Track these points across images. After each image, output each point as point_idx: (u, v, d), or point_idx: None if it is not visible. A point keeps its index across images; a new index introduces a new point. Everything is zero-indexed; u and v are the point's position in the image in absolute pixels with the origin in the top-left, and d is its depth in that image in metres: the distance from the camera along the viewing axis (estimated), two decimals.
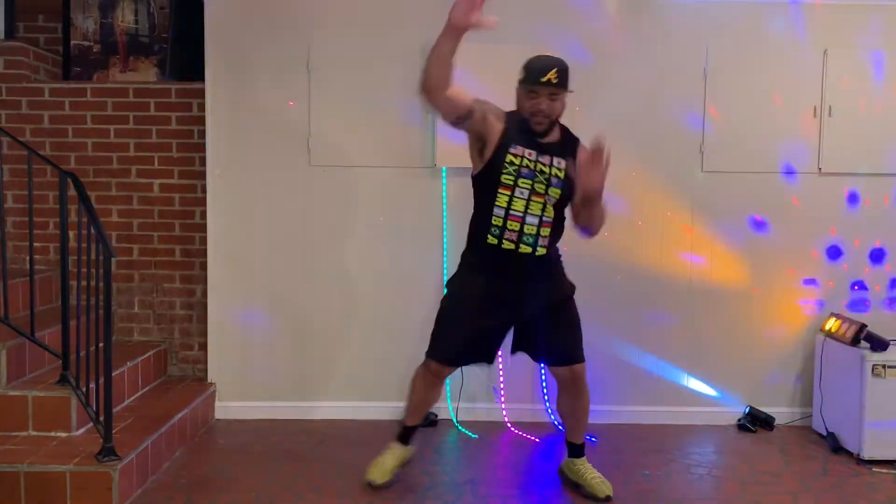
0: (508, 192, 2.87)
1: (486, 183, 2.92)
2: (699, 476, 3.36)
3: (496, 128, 2.89)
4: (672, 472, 3.39)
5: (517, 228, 2.88)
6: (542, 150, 2.90)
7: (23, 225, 3.83)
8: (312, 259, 3.99)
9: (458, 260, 3.90)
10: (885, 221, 4.01)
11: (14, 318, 3.33)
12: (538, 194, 2.88)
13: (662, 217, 3.99)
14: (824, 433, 3.79)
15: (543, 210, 2.89)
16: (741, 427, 3.97)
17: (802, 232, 4.01)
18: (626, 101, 3.94)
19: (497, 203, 2.88)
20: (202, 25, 3.90)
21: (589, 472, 3.14)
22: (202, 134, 3.99)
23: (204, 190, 4.01)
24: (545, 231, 2.92)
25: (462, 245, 3.94)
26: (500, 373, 3.97)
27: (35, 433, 3.13)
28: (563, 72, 2.88)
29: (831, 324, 3.84)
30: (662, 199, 3.99)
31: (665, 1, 3.94)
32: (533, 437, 3.77)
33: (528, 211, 2.88)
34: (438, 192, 3.95)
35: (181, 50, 4.17)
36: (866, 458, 3.50)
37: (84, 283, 3.18)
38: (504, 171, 2.86)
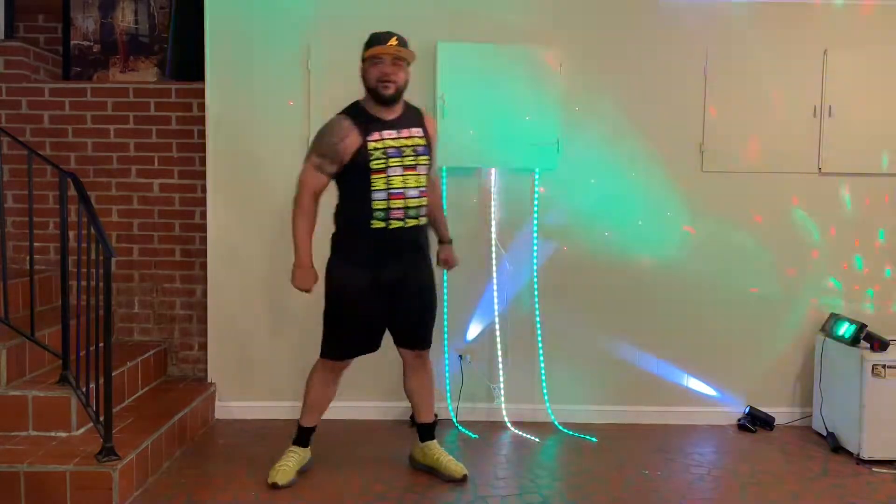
0: (383, 175, 2.94)
1: (355, 175, 2.96)
2: (699, 476, 3.35)
3: (351, 134, 2.95)
4: (672, 472, 3.39)
5: (402, 205, 2.96)
6: (398, 125, 3.01)
7: (23, 225, 3.83)
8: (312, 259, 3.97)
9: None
10: (885, 221, 4.01)
11: (14, 318, 3.33)
12: (409, 167, 2.98)
13: (662, 217, 3.99)
14: (824, 433, 3.79)
15: (419, 180, 3.02)
16: (741, 427, 3.97)
17: (802, 232, 4.01)
18: (626, 101, 3.94)
19: (374, 188, 2.93)
20: (202, 25, 3.90)
21: (443, 455, 3.23)
22: (202, 134, 3.99)
23: (204, 190, 4.01)
24: (423, 200, 3.04)
25: (462, 244, 3.95)
26: (501, 373, 3.97)
27: (35, 433, 3.13)
28: (403, 39, 2.98)
29: (831, 324, 3.84)
30: (662, 199, 3.98)
31: (665, 1, 3.94)
32: (533, 437, 3.77)
33: (407, 185, 2.96)
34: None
35: (181, 50, 4.17)
36: (866, 458, 3.50)
37: (84, 283, 3.18)
38: (371, 157, 2.94)
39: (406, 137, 3.00)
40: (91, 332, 3.02)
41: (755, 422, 3.97)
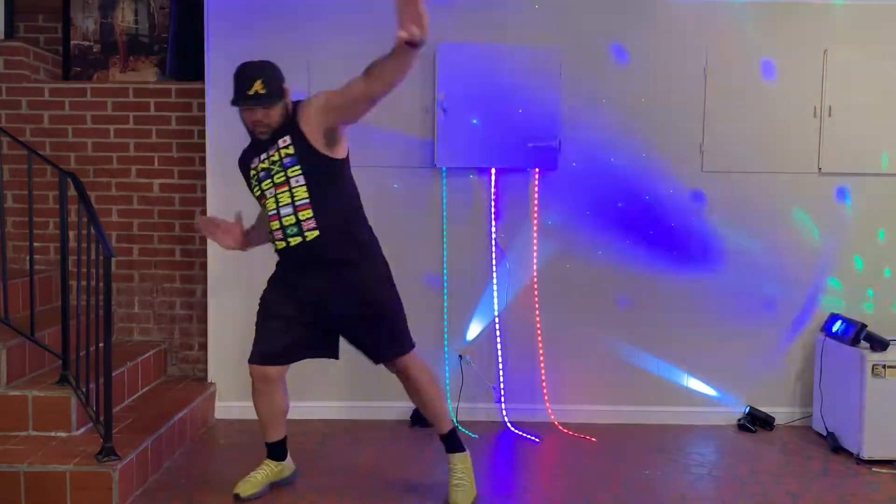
0: (263, 200, 2.86)
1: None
2: (699, 476, 3.35)
3: (244, 171, 2.95)
4: (672, 472, 3.39)
5: (278, 226, 2.79)
6: (264, 147, 2.83)
7: (23, 225, 3.83)
8: None
9: (458, 259, 3.92)
10: (885, 221, 4.01)
11: (14, 318, 3.33)
12: (280, 185, 2.78)
13: (662, 217, 3.99)
14: (824, 433, 3.79)
15: (293, 195, 2.76)
16: (741, 427, 3.97)
17: (802, 232, 4.01)
18: (626, 101, 3.94)
19: (266, 212, 2.87)
20: (202, 25, 3.90)
21: (455, 476, 2.96)
22: (202, 134, 3.99)
23: (204, 190, 4.01)
24: (304, 214, 2.76)
25: (460, 245, 3.98)
26: (501, 373, 3.97)
27: (35, 433, 3.13)
28: (269, 80, 2.77)
29: (831, 324, 3.84)
30: (662, 199, 3.98)
31: (665, 1, 3.94)
32: (533, 437, 3.77)
33: (280, 204, 2.78)
34: (438, 192, 3.95)
35: (181, 50, 4.17)
36: (866, 458, 3.50)
37: (84, 283, 3.18)
38: (251, 187, 2.91)
39: (270, 156, 2.80)
40: (91, 333, 3.02)
41: (755, 422, 3.97)
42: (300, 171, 2.76)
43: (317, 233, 2.76)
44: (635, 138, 3.95)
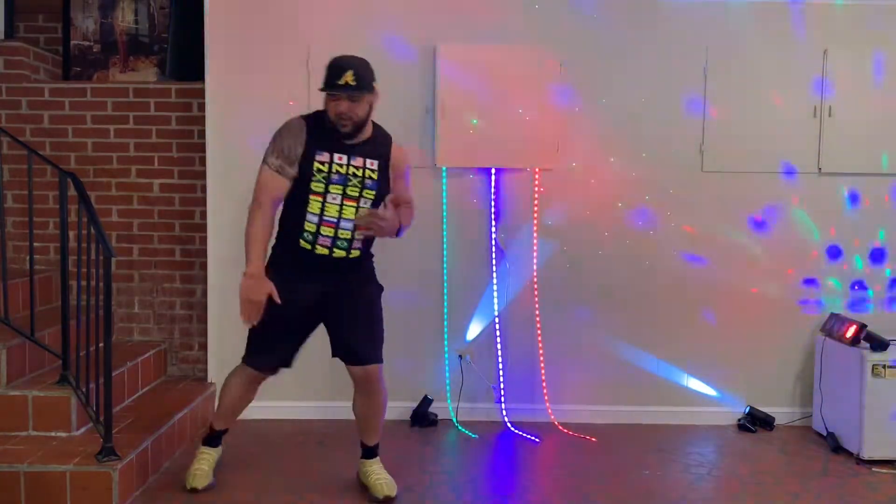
0: (320, 199, 2.80)
1: (296, 186, 2.83)
2: (699, 476, 3.35)
3: (303, 140, 2.82)
4: (672, 472, 3.39)
5: (331, 234, 2.81)
6: (354, 152, 2.83)
7: (23, 225, 3.83)
8: None
9: (458, 259, 3.90)
10: (885, 221, 4.01)
11: (14, 318, 3.32)
12: (351, 198, 2.82)
13: (662, 217, 3.99)
14: (824, 433, 3.79)
15: (357, 213, 2.83)
16: (741, 427, 3.97)
17: (802, 232, 4.01)
18: (626, 101, 3.94)
19: (310, 209, 2.81)
20: (202, 25, 3.90)
21: (374, 473, 3.06)
22: (202, 134, 3.99)
23: (204, 190, 4.01)
24: (359, 234, 2.85)
25: (460, 244, 3.96)
26: (501, 373, 3.97)
27: (35, 433, 3.13)
28: (361, 72, 2.78)
29: (831, 324, 3.84)
30: (662, 199, 3.99)
31: (665, 1, 3.94)
32: (533, 437, 3.77)
33: (342, 216, 2.81)
34: (438, 192, 3.95)
35: (181, 50, 4.17)
36: (866, 458, 3.50)
37: (84, 283, 3.18)
38: (313, 178, 2.79)
39: (357, 167, 2.82)
40: (91, 333, 3.01)
41: (755, 422, 3.97)
42: (373, 197, 2.85)
43: (358, 253, 2.90)
44: (635, 138, 3.95)
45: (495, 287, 3.94)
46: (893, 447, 3.50)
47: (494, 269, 3.94)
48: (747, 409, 4.02)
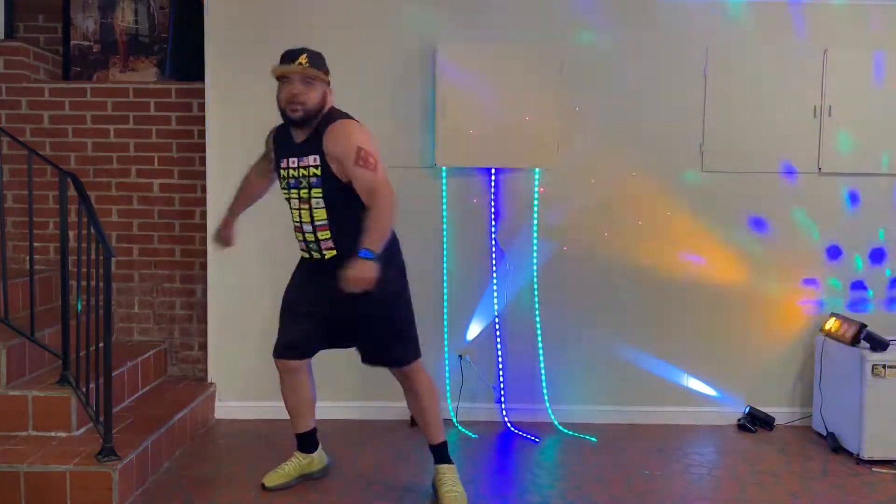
0: (289, 206, 2.92)
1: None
2: (699, 476, 3.36)
3: (272, 153, 2.97)
4: (672, 472, 3.39)
5: (301, 238, 2.91)
6: (302, 152, 2.83)
7: (23, 225, 3.83)
8: None
9: (458, 259, 3.91)
10: (885, 221, 4.01)
11: (14, 318, 3.33)
12: (304, 200, 2.83)
13: (662, 217, 3.99)
14: (824, 433, 3.79)
15: (312, 215, 2.82)
16: (741, 427, 3.97)
17: (802, 232, 4.01)
18: (626, 101, 3.94)
19: (291, 215, 2.93)
20: (202, 25, 3.90)
21: (446, 484, 2.95)
22: (202, 134, 3.99)
23: (204, 190, 4.01)
24: (323, 234, 2.83)
25: (460, 244, 3.97)
26: (501, 373, 3.97)
27: (35, 433, 3.13)
28: (314, 57, 2.81)
29: (831, 324, 3.84)
30: (662, 199, 3.99)
31: (665, 1, 3.94)
32: (533, 437, 3.77)
33: (302, 220, 2.86)
34: (438, 192, 3.95)
35: (181, 50, 4.17)
36: (866, 458, 3.50)
37: (84, 283, 3.18)
38: (281, 185, 2.92)
39: (303, 167, 2.82)
40: (91, 333, 3.02)
41: (755, 422, 3.97)
42: (321, 195, 2.81)
43: (334, 252, 2.85)
44: (635, 138, 3.95)
45: (495, 287, 3.94)
46: (893, 447, 3.50)
47: (494, 269, 3.94)
48: (747, 409, 4.02)
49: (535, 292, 3.95)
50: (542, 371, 3.97)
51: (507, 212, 3.97)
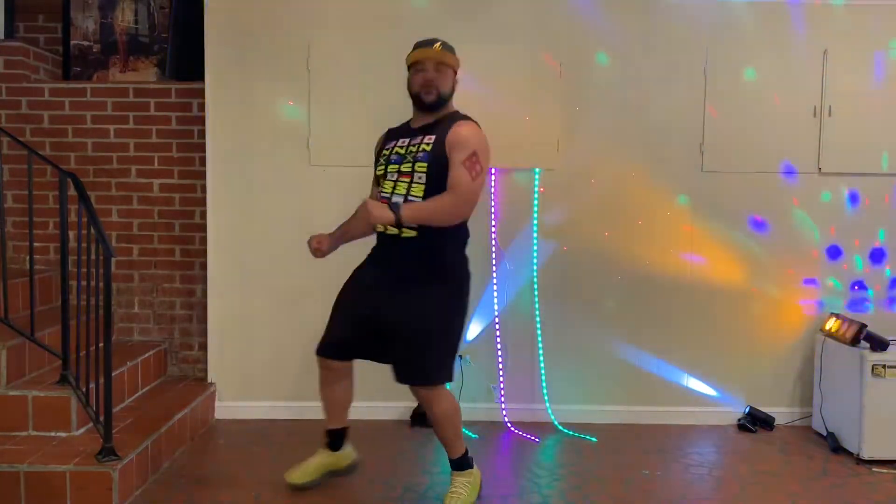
0: (382, 181, 2.92)
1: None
2: (699, 476, 3.36)
3: (379, 142, 3.06)
4: (672, 472, 3.39)
5: None
6: (417, 133, 2.91)
7: (23, 225, 3.83)
8: (312, 259, 3.97)
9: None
10: (885, 221, 4.01)
11: (14, 318, 3.32)
12: (404, 174, 2.84)
13: (662, 217, 3.99)
14: (824, 433, 3.79)
15: (409, 189, 2.81)
16: (741, 427, 3.97)
17: (802, 232, 4.01)
18: (626, 101, 3.94)
19: (379, 191, 2.93)
20: (202, 25, 3.90)
21: (452, 486, 2.94)
22: (202, 134, 3.99)
23: (204, 190, 4.01)
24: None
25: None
26: (500, 373, 3.97)
27: (35, 433, 3.13)
28: (447, 44, 2.93)
29: (831, 324, 3.84)
30: (662, 199, 3.99)
31: (665, 1, 3.94)
32: (533, 437, 3.77)
33: (395, 191, 2.84)
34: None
35: (181, 50, 4.17)
36: (866, 458, 3.50)
37: (84, 283, 3.18)
38: (377, 164, 2.96)
39: (413, 144, 2.87)
40: (91, 333, 3.02)
41: (755, 422, 3.97)
42: (424, 170, 2.80)
43: (414, 233, 2.79)
44: (635, 138, 3.95)
45: (495, 287, 3.94)
46: (893, 447, 3.50)
47: (494, 269, 3.94)
48: (747, 409, 4.02)
49: (535, 292, 3.95)
50: (542, 371, 3.97)
51: (507, 212, 3.97)
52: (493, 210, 3.93)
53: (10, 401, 3.13)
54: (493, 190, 3.93)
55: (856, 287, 4.04)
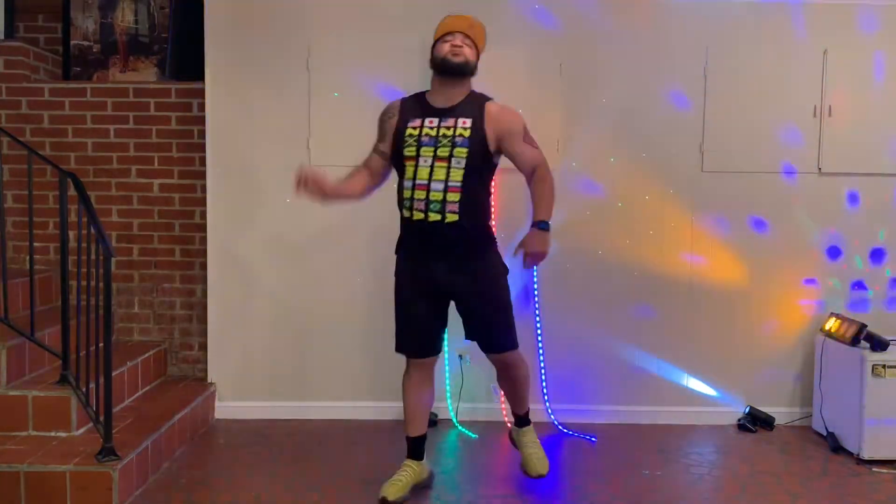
0: (413, 164, 2.85)
1: (396, 160, 2.93)
2: (699, 476, 3.35)
3: (396, 115, 2.96)
4: (672, 472, 3.39)
5: (423, 197, 2.82)
6: (445, 114, 2.88)
7: (23, 225, 3.83)
8: (312, 259, 3.99)
9: None
10: (885, 221, 4.01)
11: (14, 318, 3.32)
12: (442, 159, 2.82)
13: (663, 217, 3.99)
14: (824, 433, 3.79)
15: (448, 174, 2.81)
16: (741, 427, 3.97)
17: (802, 232, 4.01)
18: (626, 101, 3.94)
19: (405, 176, 2.88)
20: (202, 25, 3.90)
21: (528, 446, 3.15)
22: (202, 134, 3.99)
23: (204, 190, 4.01)
24: (453, 196, 2.81)
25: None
26: None
27: (35, 433, 3.13)
28: (478, 23, 3.01)
29: (831, 324, 3.84)
30: (662, 199, 3.99)
31: (665, 1, 3.94)
32: None
33: (433, 178, 2.82)
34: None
35: (181, 50, 4.17)
36: (866, 458, 3.50)
37: (84, 283, 3.18)
38: (405, 144, 2.87)
39: (448, 128, 2.84)
40: (91, 333, 3.02)
41: (755, 422, 3.97)
42: (465, 156, 2.82)
43: (456, 217, 2.82)
44: (635, 138, 3.95)
45: None
46: (893, 447, 3.50)
47: None
48: (747, 409, 4.02)
49: (535, 292, 3.95)
50: (542, 371, 3.96)
51: (507, 212, 3.96)
52: (492, 210, 3.92)
53: (10, 401, 3.13)
54: (492, 190, 3.92)
55: (856, 287, 4.03)
